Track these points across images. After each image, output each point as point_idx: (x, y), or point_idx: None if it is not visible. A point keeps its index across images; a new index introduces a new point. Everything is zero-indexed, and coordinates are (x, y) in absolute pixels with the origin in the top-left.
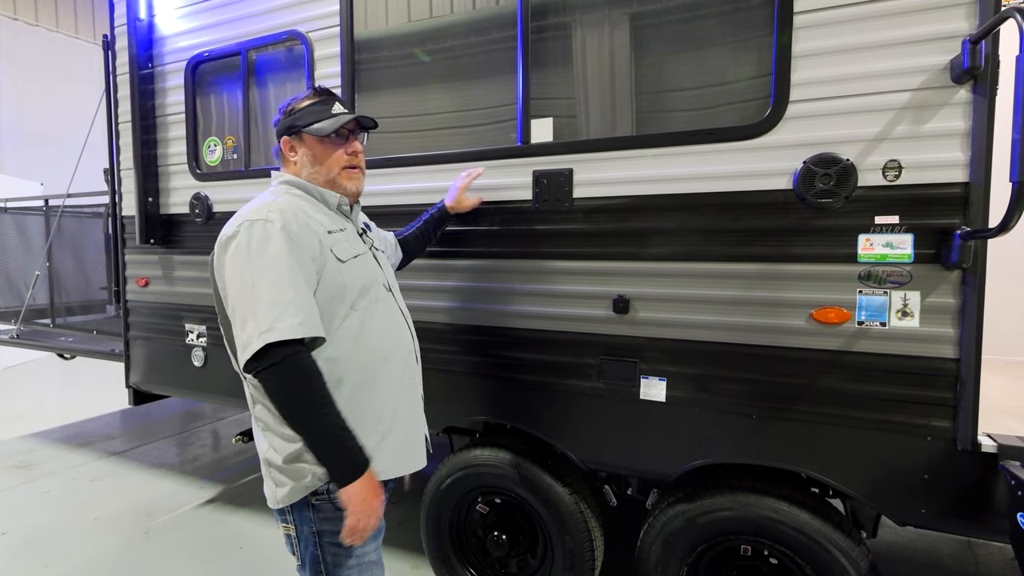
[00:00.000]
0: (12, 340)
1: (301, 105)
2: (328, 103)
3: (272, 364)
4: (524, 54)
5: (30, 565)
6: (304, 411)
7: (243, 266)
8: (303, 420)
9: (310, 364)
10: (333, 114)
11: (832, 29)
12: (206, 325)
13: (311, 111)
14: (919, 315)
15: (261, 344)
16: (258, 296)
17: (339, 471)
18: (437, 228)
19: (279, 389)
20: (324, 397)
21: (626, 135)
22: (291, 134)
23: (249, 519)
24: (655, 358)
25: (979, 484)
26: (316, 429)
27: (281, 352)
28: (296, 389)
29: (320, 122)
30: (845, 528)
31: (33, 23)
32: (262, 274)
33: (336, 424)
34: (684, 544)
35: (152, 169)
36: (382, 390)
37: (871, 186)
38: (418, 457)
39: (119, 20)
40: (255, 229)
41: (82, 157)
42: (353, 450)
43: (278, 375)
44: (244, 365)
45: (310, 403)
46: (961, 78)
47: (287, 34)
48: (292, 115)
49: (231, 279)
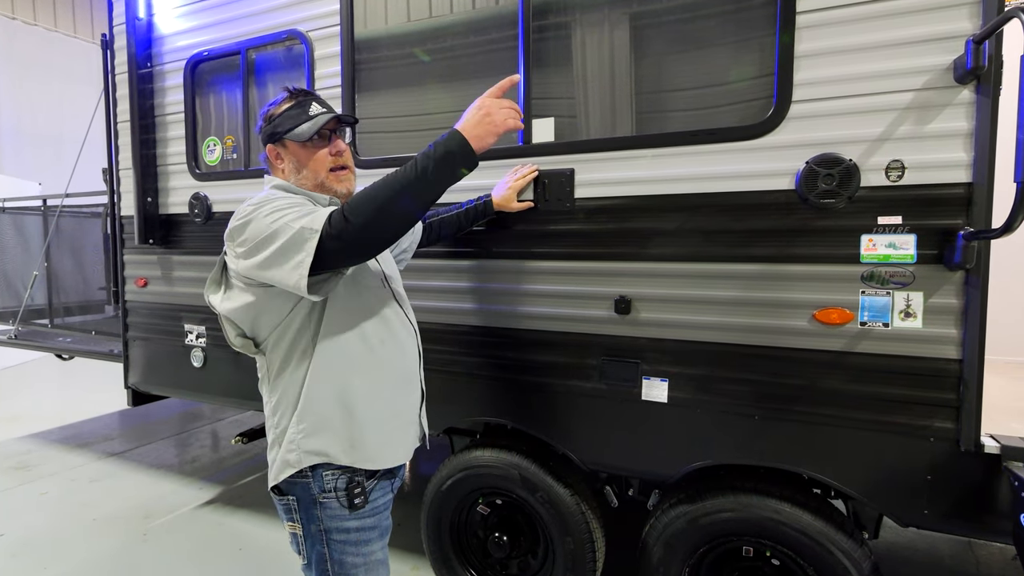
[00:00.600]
0: (10, 340)
1: (279, 111)
2: (304, 105)
3: (339, 231)
4: (525, 54)
5: (28, 567)
6: (390, 193)
7: (261, 227)
8: (399, 192)
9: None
10: (311, 115)
11: (835, 29)
12: (205, 325)
13: (288, 116)
14: (922, 316)
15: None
16: (285, 226)
17: (454, 155)
18: (474, 220)
19: (363, 222)
20: (381, 185)
21: (628, 135)
22: (274, 141)
23: (248, 520)
24: (657, 359)
25: (982, 485)
26: (408, 182)
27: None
28: (370, 206)
29: (299, 126)
30: (847, 529)
31: (31, 22)
32: (272, 217)
33: (408, 170)
34: (686, 545)
35: (151, 169)
36: (379, 373)
37: (874, 186)
38: (407, 451)
39: (118, 19)
40: (262, 208)
41: (80, 157)
42: (437, 149)
43: (348, 222)
44: (319, 247)
45: (382, 191)
46: (964, 78)
47: (287, 33)
48: (272, 122)
49: (254, 237)
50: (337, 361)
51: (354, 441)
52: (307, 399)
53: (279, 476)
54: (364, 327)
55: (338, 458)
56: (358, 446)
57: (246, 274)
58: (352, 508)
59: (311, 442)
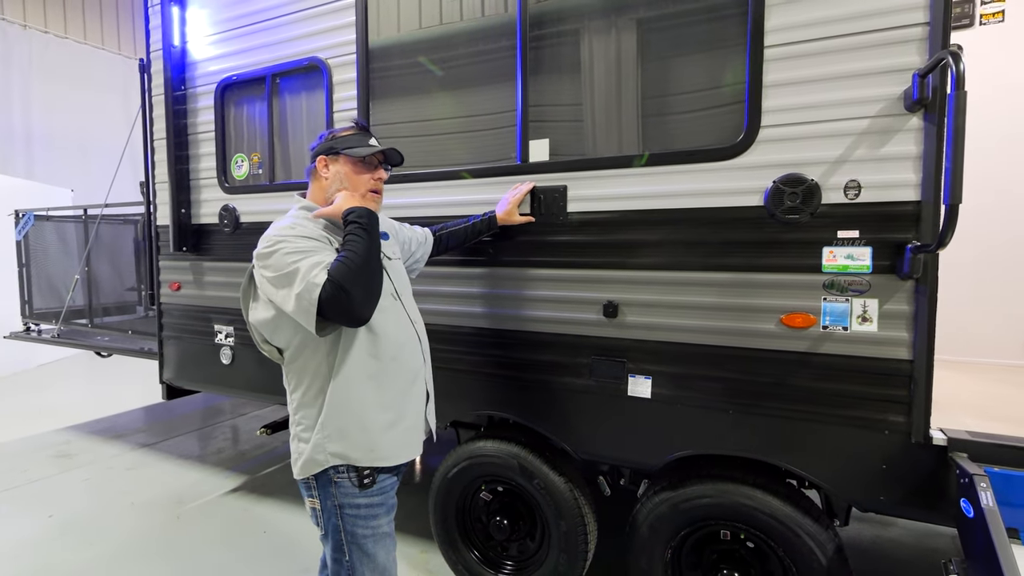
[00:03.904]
0: (54, 339)
1: (342, 134)
2: (366, 136)
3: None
4: (523, 82)
5: (75, 544)
6: (359, 262)
7: (282, 263)
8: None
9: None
10: (369, 144)
11: (799, 62)
12: (233, 326)
13: (350, 139)
14: (877, 320)
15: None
16: (295, 270)
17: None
18: (478, 234)
19: (342, 289)
20: (345, 254)
21: (615, 155)
22: (329, 154)
23: (272, 507)
24: (641, 358)
25: (932, 474)
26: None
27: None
28: (349, 278)
29: (358, 147)
30: (813, 514)
31: (62, 35)
32: (291, 258)
33: (348, 251)
34: (668, 528)
35: (185, 182)
36: (390, 385)
37: (834, 203)
38: (417, 448)
39: (155, 45)
40: (284, 245)
41: (107, 166)
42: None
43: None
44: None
45: (352, 261)
46: (913, 107)
47: (308, 60)
48: (333, 140)
49: (277, 270)
50: (351, 378)
51: (371, 446)
52: (328, 410)
53: (308, 471)
54: (375, 345)
55: (359, 460)
56: (375, 449)
57: (269, 296)
58: (362, 487)
59: (334, 446)
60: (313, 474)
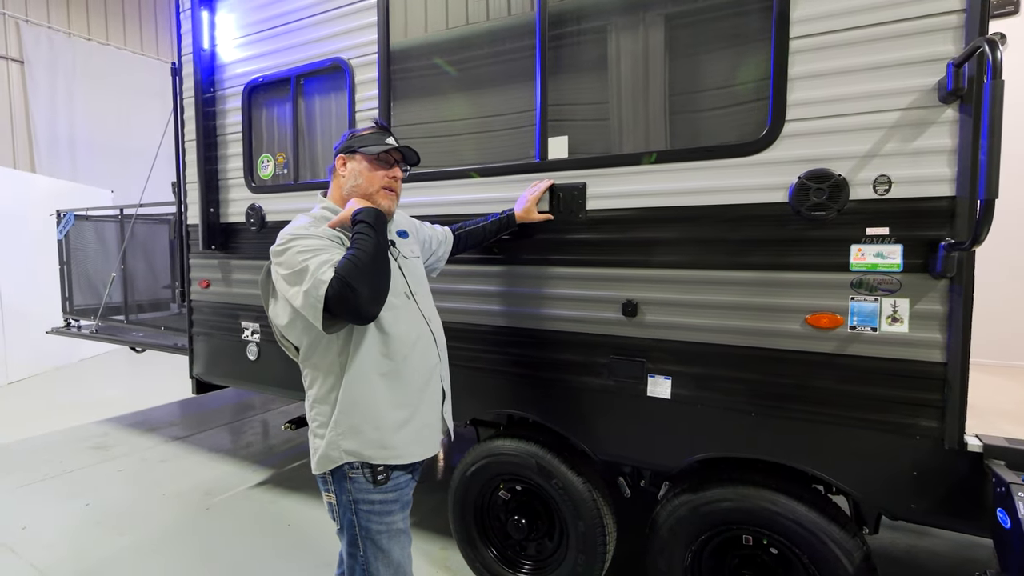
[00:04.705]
0: (92, 335)
1: (361, 133)
2: (383, 135)
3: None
4: (542, 80)
5: (110, 532)
6: (366, 260)
7: (293, 261)
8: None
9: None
10: (384, 142)
11: (826, 53)
12: (259, 323)
13: (368, 137)
14: (908, 321)
15: (322, 295)
16: (304, 267)
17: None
18: (498, 232)
19: (347, 286)
20: (352, 252)
21: (635, 151)
22: (347, 152)
23: (297, 501)
24: (661, 358)
25: (966, 482)
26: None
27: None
28: (354, 276)
29: (372, 146)
30: (840, 521)
31: (104, 42)
32: (302, 256)
33: (355, 250)
34: (689, 531)
35: (213, 182)
36: (403, 383)
37: (862, 200)
38: (432, 446)
39: (185, 50)
40: (297, 243)
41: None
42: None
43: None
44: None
45: (359, 259)
46: (947, 98)
47: (331, 61)
48: (352, 139)
49: (289, 267)
50: (363, 376)
51: (383, 444)
52: (341, 407)
53: (323, 467)
54: (387, 344)
55: (372, 458)
56: (387, 447)
57: (282, 293)
58: (376, 484)
59: (348, 443)
60: (329, 470)
